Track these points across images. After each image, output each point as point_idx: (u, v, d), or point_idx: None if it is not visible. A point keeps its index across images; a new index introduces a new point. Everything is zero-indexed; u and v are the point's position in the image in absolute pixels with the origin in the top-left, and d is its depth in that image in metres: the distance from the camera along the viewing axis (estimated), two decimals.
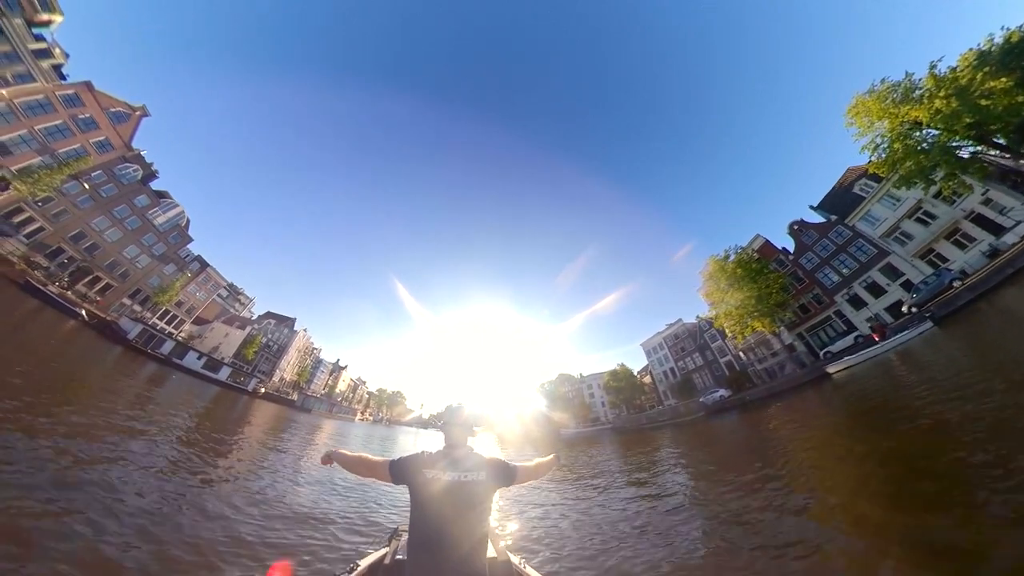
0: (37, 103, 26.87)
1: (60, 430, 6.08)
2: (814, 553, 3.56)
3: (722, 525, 4.99)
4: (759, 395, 23.07)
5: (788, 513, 4.68)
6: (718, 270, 27.11)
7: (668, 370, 48.91)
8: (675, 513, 5.85)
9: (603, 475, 10.76)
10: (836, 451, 6.96)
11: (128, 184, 32.61)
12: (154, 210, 34.75)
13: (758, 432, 12.58)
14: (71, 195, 28.71)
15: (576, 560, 4.57)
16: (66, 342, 16.60)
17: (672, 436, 19.89)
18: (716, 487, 6.92)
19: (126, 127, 32.26)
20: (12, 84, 25.63)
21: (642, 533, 5.23)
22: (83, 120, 29.30)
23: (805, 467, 6.56)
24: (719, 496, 6.26)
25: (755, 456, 8.58)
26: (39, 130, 26.66)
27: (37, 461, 4.72)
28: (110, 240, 31.25)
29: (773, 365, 32.13)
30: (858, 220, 27.38)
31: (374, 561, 2.15)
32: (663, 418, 33.83)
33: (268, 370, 52.21)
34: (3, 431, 5.31)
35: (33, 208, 26.51)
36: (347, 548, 4.68)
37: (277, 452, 10.93)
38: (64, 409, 7.28)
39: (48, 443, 5.38)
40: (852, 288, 26.76)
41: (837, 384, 15.72)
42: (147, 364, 23.04)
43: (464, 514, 1.58)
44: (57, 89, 27.99)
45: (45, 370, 9.78)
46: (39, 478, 4.29)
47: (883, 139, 17.09)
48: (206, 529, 4.30)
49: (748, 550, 4.03)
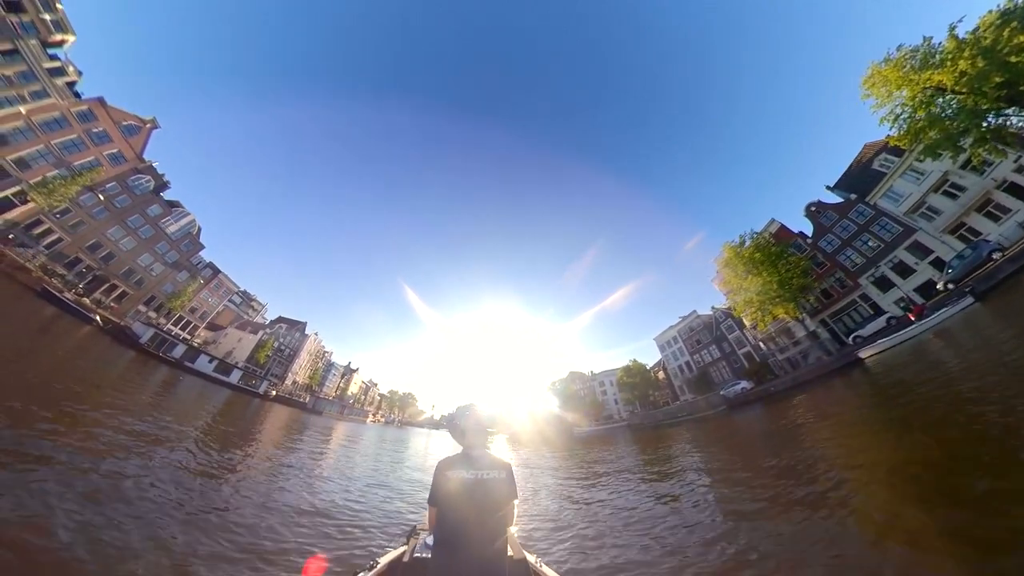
0: (53, 119, 27.94)
1: (78, 432, 6.21)
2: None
3: (753, 533, 4.44)
4: (784, 386, 21.76)
5: (826, 521, 4.08)
6: (734, 257, 25.84)
7: (683, 364, 47.45)
8: (701, 518, 5.32)
9: (623, 475, 10.02)
10: (874, 448, 6.19)
11: (141, 195, 33.60)
12: (166, 219, 35.72)
13: (786, 427, 11.52)
14: (87, 206, 29.71)
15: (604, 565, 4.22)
16: (82, 347, 17.04)
17: (693, 432, 18.89)
18: (742, 490, 6.23)
19: (137, 139, 33.30)
20: (29, 101, 26.71)
21: (666, 540, 4.78)
22: (97, 134, 30.34)
23: (840, 466, 5.85)
24: (747, 500, 5.65)
25: (784, 454, 7.76)
26: (55, 144, 27.70)
27: (67, 471, 4.73)
28: (125, 249, 32.22)
29: (795, 355, 30.61)
30: (880, 198, 25.85)
31: (393, 559, 2.21)
32: (682, 413, 32.59)
33: (281, 373, 53.08)
34: (31, 434, 5.46)
35: (52, 220, 27.51)
36: (365, 545, 4.83)
37: (294, 454, 11.16)
38: (84, 412, 7.44)
39: (70, 448, 5.45)
40: (878, 269, 25.23)
41: (870, 370, 14.57)
42: (159, 368, 23.48)
43: (485, 511, 1.62)
44: (72, 106, 29.07)
45: (64, 374, 10.10)
46: (70, 485, 4.35)
47: (904, 109, 15.92)
48: (235, 527, 4.46)
49: (783, 561, 3.51)
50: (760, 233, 27.34)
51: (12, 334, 12.25)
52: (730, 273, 26.34)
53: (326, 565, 3.94)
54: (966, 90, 13.88)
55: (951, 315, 13.66)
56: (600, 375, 68.68)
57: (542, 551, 4.83)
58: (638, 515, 6.06)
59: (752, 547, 4.05)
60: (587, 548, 4.89)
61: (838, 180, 31.51)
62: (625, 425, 47.65)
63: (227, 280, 44.40)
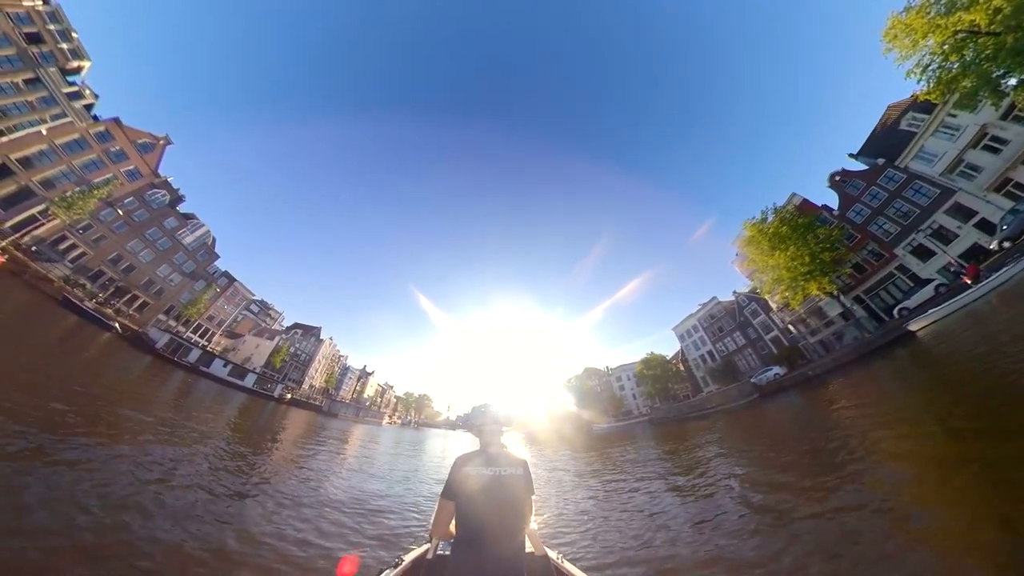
0: (74, 141, 29.46)
1: (103, 437, 6.44)
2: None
3: (802, 545, 3.75)
4: (822, 368, 19.88)
5: (886, 539, 3.35)
6: (757, 234, 23.87)
7: (706, 353, 45.33)
8: (739, 525, 4.63)
9: (652, 479, 8.91)
10: (934, 440, 5.24)
11: (158, 208, 35.04)
12: (182, 231, 37.13)
13: (828, 415, 10.17)
14: (108, 221, 31.17)
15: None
16: (103, 353, 17.79)
17: (724, 426, 17.46)
18: (785, 493, 5.39)
19: (152, 156, 34.78)
20: (49, 123, 28.30)
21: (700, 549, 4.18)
22: (114, 153, 31.83)
23: (895, 464, 4.97)
24: (789, 504, 4.87)
25: (830, 448, 6.67)
26: (76, 164, 29.18)
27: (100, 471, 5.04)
28: (144, 261, 33.63)
29: (828, 336, 28.52)
30: (911, 160, 23.74)
31: (417, 556, 2.27)
32: (710, 404, 30.79)
33: (298, 378, 54.33)
34: (78, 436, 5.95)
35: (75, 235, 28.97)
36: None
37: (314, 456, 11.38)
38: (120, 414, 8.09)
39: (105, 452, 5.79)
40: (915, 237, 23.11)
41: (922, 345, 13.04)
42: (175, 372, 24.16)
43: (503, 508, 1.63)
44: (90, 127, 30.60)
45: (90, 378, 10.87)
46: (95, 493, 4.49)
47: (932, 58, 14.36)
48: (265, 525, 4.74)
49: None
50: (783, 207, 25.39)
51: (39, 342, 12.76)
52: (754, 251, 24.29)
53: (359, 563, 4.04)
54: (1003, 28, 12.35)
55: (1014, 274, 12.05)
56: (616, 370, 66.96)
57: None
58: (674, 525, 5.27)
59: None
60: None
61: (862, 147, 29.31)
62: (646, 420, 45.97)
63: (242, 288, 45.83)
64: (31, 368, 9.10)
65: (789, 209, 25.19)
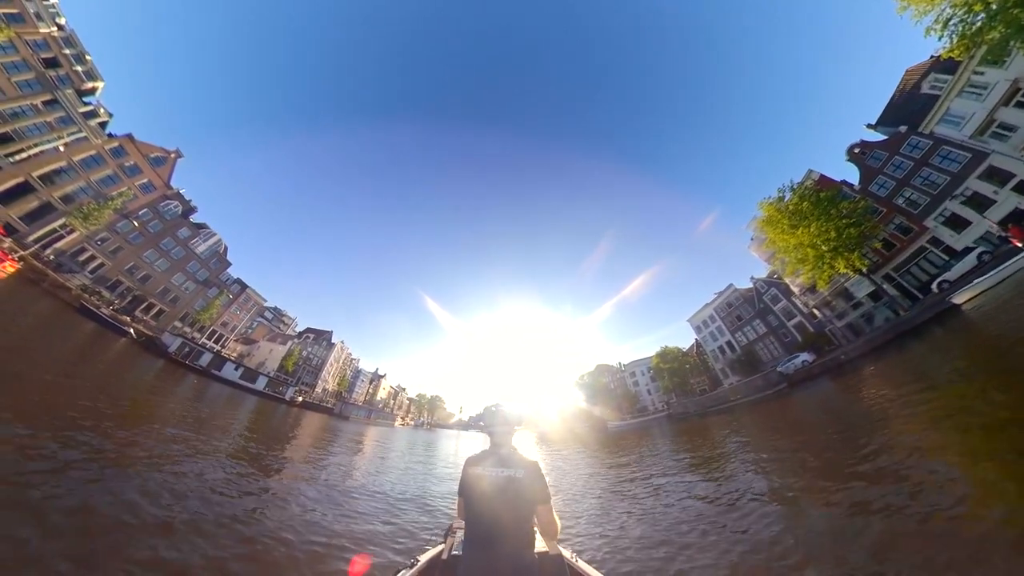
0: (91, 158, 30.81)
1: (119, 439, 6.73)
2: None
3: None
4: (856, 352, 18.45)
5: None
6: (776, 212, 22.56)
7: (724, 344, 43.53)
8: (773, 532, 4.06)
9: (673, 482, 8.03)
10: (994, 432, 4.51)
11: (171, 219, 36.29)
12: (195, 240, 38.33)
13: (868, 405, 9.09)
14: (124, 233, 32.42)
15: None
16: (120, 358, 18.42)
17: (752, 419, 16.40)
18: (834, 506, 4.62)
19: (164, 169, 36.09)
20: (67, 141, 29.69)
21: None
22: (128, 168, 33.17)
23: (950, 461, 4.33)
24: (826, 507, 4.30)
25: (874, 447, 5.87)
26: (93, 180, 30.52)
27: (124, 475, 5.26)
28: (160, 270, 34.82)
29: (857, 319, 26.77)
30: (936, 124, 22.09)
31: (432, 556, 2.32)
32: (735, 396, 29.26)
33: (311, 381, 55.27)
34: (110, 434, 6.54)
35: (94, 247, 30.22)
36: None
37: (328, 459, 11.52)
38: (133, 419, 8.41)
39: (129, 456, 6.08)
40: (947, 206, 21.43)
41: (969, 319, 11.88)
42: (187, 376, 24.73)
43: (512, 509, 1.65)
44: (106, 144, 31.97)
45: (111, 383, 11.52)
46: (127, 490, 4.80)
47: (953, 11, 13.15)
48: (285, 526, 4.92)
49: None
50: (801, 183, 23.85)
51: (61, 347, 13.52)
52: (774, 231, 22.54)
53: (370, 563, 4.27)
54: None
55: None
56: (630, 365, 65.42)
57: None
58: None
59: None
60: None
61: (880, 116, 27.56)
62: (664, 416, 44.52)
63: (255, 294, 47.00)
64: (70, 374, 9.97)
65: (808, 185, 23.68)
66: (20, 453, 4.70)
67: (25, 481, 4.10)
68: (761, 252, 34.35)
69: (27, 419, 5.89)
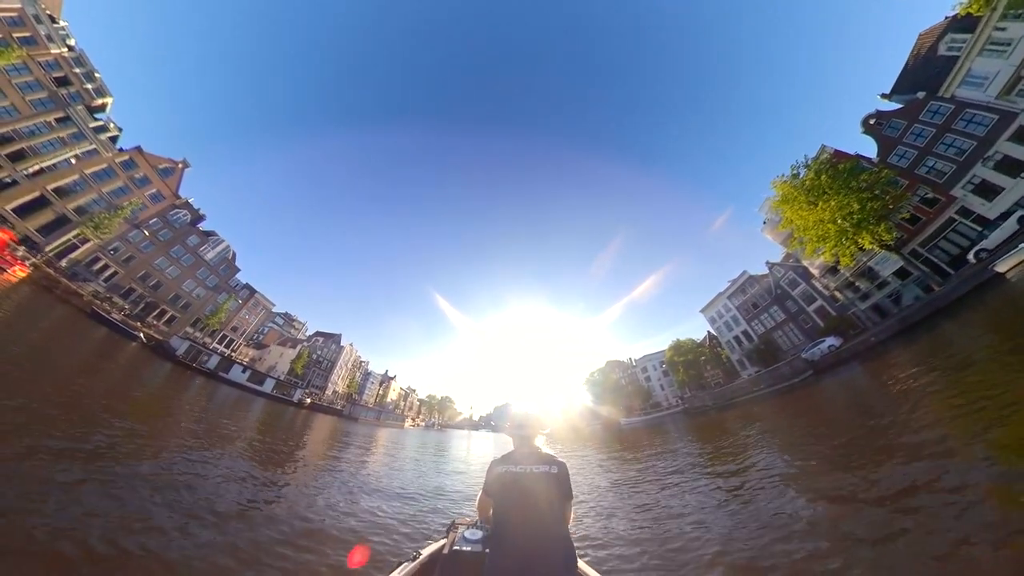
0: (102, 171, 31.93)
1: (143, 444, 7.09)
2: None
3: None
4: (888, 333, 17.26)
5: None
6: (791, 190, 21.32)
7: (740, 334, 41.91)
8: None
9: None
10: None
11: (180, 227, 37.30)
12: (204, 247, 39.30)
13: (905, 391, 8.10)
14: (136, 242, 33.45)
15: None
16: (131, 362, 18.74)
17: (778, 410, 15.35)
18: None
19: (172, 179, 37.13)
20: (77, 153, 30.83)
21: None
22: (138, 179, 34.23)
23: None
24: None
25: (918, 439, 5.24)
26: (105, 192, 31.59)
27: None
28: (171, 277, 35.81)
29: (882, 299, 25.23)
30: (957, 87, 20.57)
31: (434, 551, 2.43)
32: (759, 386, 27.95)
33: (321, 384, 56.05)
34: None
35: (107, 256, 31.26)
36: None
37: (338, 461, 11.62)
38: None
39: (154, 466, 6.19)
40: (975, 173, 19.91)
41: (1016, 289, 10.95)
42: (194, 378, 25.16)
43: (534, 503, 1.74)
44: (116, 157, 33.10)
45: (124, 386, 12.06)
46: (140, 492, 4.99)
47: None
48: (291, 525, 5.09)
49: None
50: (815, 158, 22.44)
51: (77, 352, 14.01)
52: (791, 210, 21.10)
53: (369, 553, 4.41)
54: None
55: None
56: (641, 360, 63.95)
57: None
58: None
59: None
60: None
61: (894, 85, 25.93)
62: (680, 411, 43.22)
63: (263, 299, 47.98)
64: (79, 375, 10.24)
65: (824, 158, 22.28)
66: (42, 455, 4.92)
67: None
68: (776, 235, 32.85)
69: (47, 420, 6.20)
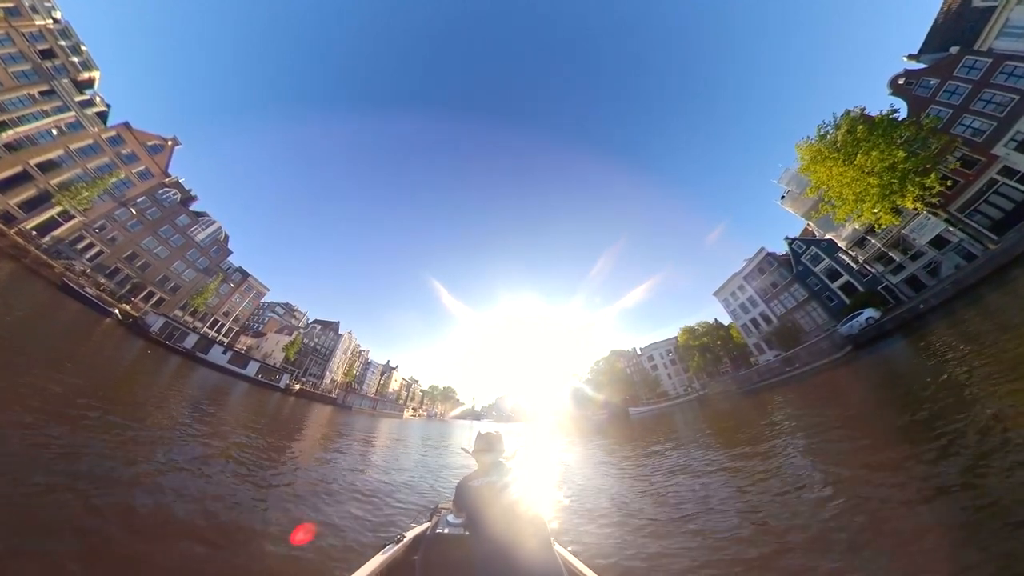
0: (88, 147, 31.11)
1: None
2: None
3: None
4: (942, 298, 15.03)
5: None
6: (822, 150, 18.72)
7: (758, 316, 38.87)
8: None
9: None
10: None
11: (169, 207, 36.47)
12: (194, 228, 38.47)
13: (968, 367, 6.44)
14: (122, 220, 32.67)
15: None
16: (105, 339, 17.63)
17: (824, 393, 12.99)
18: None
19: (161, 157, 36.25)
20: (65, 132, 30.04)
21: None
22: (126, 155, 33.39)
23: None
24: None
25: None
26: (90, 167, 30.78)
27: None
28: (159, 257, 35.03)
29: (917, 270, 22.44)
30: (995, 39, 17.98)
31: (418, 533, 2.60)
32: (793, 365, 25.27)
33: (319, 373, 55.37)
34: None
35: (92, 234, 30.50)
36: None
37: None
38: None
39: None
40: (1018, 129, 17.06)
41: None
42: (169, 358, 23.97)
43: (502, 511, 1.89)
44: (103, 132, 32.25)
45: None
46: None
47: None
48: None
49: None
50: (845, 114, 19.58)
51: (50, 329, 12.78)
52: (824, 170, 18.57)
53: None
54: None
55: None
56: (647, 349, 61.27)
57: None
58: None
59: None
60: None
61: (922, 45, 22.65)
62: (695, 398, 40.74)
63: (256, 283, 47.22)
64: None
65: (855, 115, 19.32)
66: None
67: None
68: (798, 205, 29.81)
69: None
